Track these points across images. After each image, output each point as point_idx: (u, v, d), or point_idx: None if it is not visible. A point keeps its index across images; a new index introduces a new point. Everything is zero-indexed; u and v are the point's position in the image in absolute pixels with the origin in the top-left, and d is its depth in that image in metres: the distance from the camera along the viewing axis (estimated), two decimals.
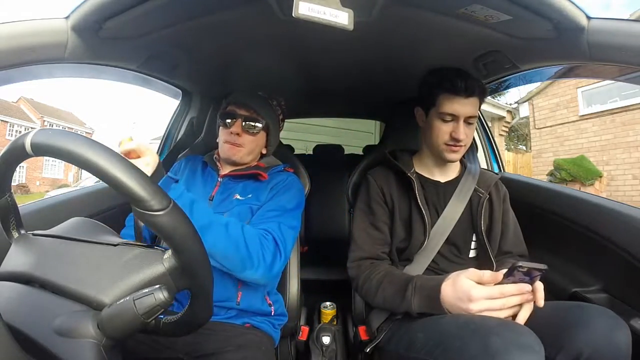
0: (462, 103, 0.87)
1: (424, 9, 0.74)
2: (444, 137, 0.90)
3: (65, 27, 0.64)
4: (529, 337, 0.57)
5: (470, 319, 0.65)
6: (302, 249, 1.70)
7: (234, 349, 0.76)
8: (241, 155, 0.95)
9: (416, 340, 0.72)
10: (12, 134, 21.03)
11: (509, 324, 0.61)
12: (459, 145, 0.89)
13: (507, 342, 0.55)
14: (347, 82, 1.32)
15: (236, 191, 0.93)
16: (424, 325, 0.74)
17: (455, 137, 0.88)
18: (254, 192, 0.93)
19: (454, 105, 0.87)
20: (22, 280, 0.46)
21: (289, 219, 0.88)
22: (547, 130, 7.42)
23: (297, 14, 0.56)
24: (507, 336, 0.56)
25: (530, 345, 0.55)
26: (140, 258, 0.46)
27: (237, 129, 0.94)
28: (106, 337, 0.40)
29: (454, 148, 0.90)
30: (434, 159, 0.97)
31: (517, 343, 0.55)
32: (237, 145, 0.94)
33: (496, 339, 0.56)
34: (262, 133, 0.98)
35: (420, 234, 0.90)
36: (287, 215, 0.88)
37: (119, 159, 0.38)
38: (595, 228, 0.91)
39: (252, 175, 0.96)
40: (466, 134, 0.88)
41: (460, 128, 0.87)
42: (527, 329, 0.59)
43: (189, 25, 0.80)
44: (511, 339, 0.55)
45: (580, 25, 0.64)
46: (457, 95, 0.86)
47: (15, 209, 0.50)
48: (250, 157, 0.99)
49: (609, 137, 6.41)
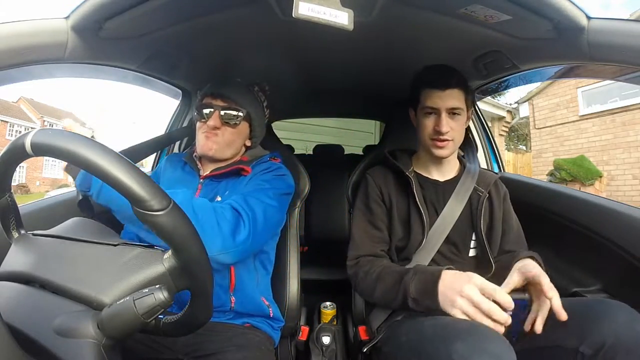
0: (441, 96, 0.87)
1: (424, 9, 0.74)
2: (428, 132, 0.90)
3: (65, 27, 0.64)
4: (497, 343, 0.56)
5: (448, 323, 0.65)
6: (302, 249, 1.70)
7: (234, 349, 0.76)
8: (217, 149, 0.87)
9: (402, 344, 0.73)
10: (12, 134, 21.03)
11: (479, 329, 0.61)
12: (444, 139, 0.89)
13: (470, 348, 0.55)
14: (347, 82, 1.32)
15: (218, 192, 0.86)
16: (409, 329, 0.75)
17: (438, 129, 0.88)
18: (233, 188, 0.85)
19: (433, 98, 0.88)
20: (22, 280, 0.46)
21: (260, 195, 0.80)
22: (547, 130, 7.42)
23: (297, 14, 0.56)
24: (472, 342, 0.56)
25: (495, 353, 0.54)
26: (140, 258, 0.46)
27: (215, 121, 0.86)
28: (106, 337, 0.40)
29: (438, 143, 0.89)
30: (429, 157, 0.97)
31: (481, 350, 0.55)
32: (213, 137, 0.87)
33: (460, 345, 0.56)
34: (244, 124, 0.90)
35: (419, 233, 0.90)
36: (257, 193, 0.80)
37: (119, 159, 0.38)
38: (595, 228, 0.91)
39: (234, 171, 0.88)
40: (451, 127, 0.88)
41: (442, 121, 0.87)
42: (498, 336, 0.58)
43: (189, 25, 0.80)
44: (476, 346, 0.55)
45: (580, 25, 0.64)
46: (435, 88, 0.88)
47: (15, 209, 0.50)
48: (231, 151, 0.91)
49: (609, 137, 6.41)
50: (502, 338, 0.58)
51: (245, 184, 0.85)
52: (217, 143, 0.87)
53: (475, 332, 0.59)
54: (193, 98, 1.35)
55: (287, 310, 0.99)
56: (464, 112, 0.90)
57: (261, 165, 0.91)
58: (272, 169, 0.90)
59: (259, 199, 0.79)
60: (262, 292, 0.90)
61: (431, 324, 0.69)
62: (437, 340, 0.62)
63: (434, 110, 0.89)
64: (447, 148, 0.90)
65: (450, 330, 0.62)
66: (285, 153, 1.17)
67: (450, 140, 0.89)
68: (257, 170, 0.89)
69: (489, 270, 0.90)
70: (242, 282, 0.85)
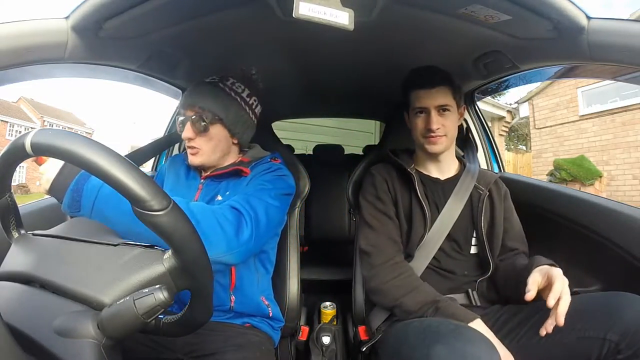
0: (428, 95, 0.91)
1: (424, 9, 0.74)
2: (420, 130, 0.93)
3: (65, 27, 0.64)
4: (479, 346, 0.56)
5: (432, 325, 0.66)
6: (302, 249, 1.70)
7: (233, 349, 0.76)
8: (202, 159, 0.86)
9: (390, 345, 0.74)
10: (12, 134, 21.02)
11: (463, 332, 0.61)
12: (435, 135, 0.91)
13: (451, 351, 0.55)
14: (347, 82, 1.32)
15: (218, 192, 0.86)
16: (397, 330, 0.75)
17: (429, 127, 0.90)
18: (234, 189, 0.85)
19: (421, 98, 0.92)
20: (22, 280, 0.46)
21: (261, 194, 0.79)
22: (547, 130, 7.42)
23: (298, 14, 0.56)
24: (453, 345, 0.56)
25: (477, 357, 0.54)
26: (140, 258, 0.46)
27: (188, 133, 0.84)
28: (106, 337, 0.40)
29: (431, 139, 0.92)
30: (425, 155, 0.99)
31: (461, 353, 0.55)
32: (195, 151, 0.86)
33: (441, 348, 0.56)
34: (216, 127, 0.85)
35: (421, 228, 0.91)
36: (258, 193, 0.80)
37: (119, 159, 0.38)
38: (595, 228, 0.91)
39: (234, 172, 0.88)
40: (442, 124, 0.91)
41: (432, 118, 0.90)
42: (482, 338, 0.59)
43: (189, 25, 0.80)
44: (457, 349, 0.56)
45: (580, 25, 0.64)
46: (422, 88, 0.91)
47: (15, 209, 0.50)
48: (217, 155, 0.88)
49: (609, 137, 6.41)
50: (486, 340, 0.58)
51: (246, 185, 0.85)
52: (200, 154, 0.86)
53: (459, 335, 0.59)
54: None
55: (287, 310, 0.99)
56: (453, 108, 0.92)
57: (262, 166, 0.90)
58: (272, 169, 0.89)
59: (261, 199, 0.78)
60: (262, 292, 0.90)
61: (416, 325, 0.69)
62: (419, 343, 0.62)
63: (423, 110, 0.92)
64: (440, 143, 0.92)
65: (433, 333, 0.63)
66: (285, 153, 1.17)
67: (442, 136, 0.91)
68: (258, 171, 0.88)
69: (488, 269, 0.91)
70: (242, 281, 0.85)
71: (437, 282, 0.89)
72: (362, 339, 0.96)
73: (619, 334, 0.64)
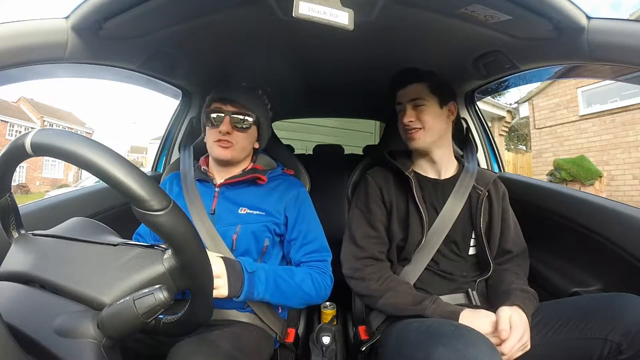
0: (403, 92, 0.96)
1: (424, 9, 0.74)
2: (401, 127, 0.97)
3: (65, 27, 0.64)
4: (480, 349, 0.56)
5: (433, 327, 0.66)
6: None
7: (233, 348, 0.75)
8: (233, 154, 0.90)
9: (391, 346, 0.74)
10: (12, 134, 21.01)
11: (464, 333, 0.61)
12: (411, 129, 0.93)
13: (451, 353, 0.55)
14: (347, 82, 1.32)
15: (239, 201, 0.89)
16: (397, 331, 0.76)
17: (404, 121, 0.94)
18: (260, 202, 0.89)
19: (398, 97, 0.98)
20: (22, 280, 0.46)
21: (318, 230, 0.95)
22: (547, 130, 7.42)
23: (298, 13, 0.56)
24: (454, 347, 0.56)
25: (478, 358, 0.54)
26: (140, 258, 0.46)
27: (226, 126, 0.87)
28: (106, 337, 0.40)
29: (408, 134, 0.95)
30: (418, 155, 1.00)
31: (463, 355, 0.55)
32: (228, 144, 0.88)
33: (442, 350, 0.56)
34: (253, 128, 0.92)
35: (418, 233, 0.90)
36: (315, 228, 0.94)
37: (118, 159, 0.38)
38: (595, 228, 0.91)
39: (250, 179, 0.91)
40: (416, 117, 0.93)
41: (407, 112, 0.94)
42: (483, 340, 0.59)
43: (189, 25, 0.80)
44: (457, 350, 0.56)
45: (580, 25, 0.64)
46: (400, 87, 0.97)
47: (15, 209, 0.50)
48: (244, 154, 0.94)
49: (609, 137, 6.41)
50: (487, 342, 0.58)
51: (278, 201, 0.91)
52: (232, 149, 0.89)
53: (459, 336, 0.59)
54: (193, 98, 1.35)
55: (287, 311, 0.99)
56: (429, 102, 0.93)
57: (279, 179, 0.97)
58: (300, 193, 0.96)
59: (322, 235, 0.94)
60: None
61: (416, 327, 0.69)
62: (420, 343, 0.62)
63: (401, 106, 0.97)
64: (417, 138, 0.93)
65: (433, 334, 0.63)
66: (285, 153, 1.16)
67: (419, 129, 0.93)
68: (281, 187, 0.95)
69: (488, 269, 0.91)
70: None
71: (436, 284, 0.89)
72: (362, 339, 0.96)
73: (620, 334, 0.64)
